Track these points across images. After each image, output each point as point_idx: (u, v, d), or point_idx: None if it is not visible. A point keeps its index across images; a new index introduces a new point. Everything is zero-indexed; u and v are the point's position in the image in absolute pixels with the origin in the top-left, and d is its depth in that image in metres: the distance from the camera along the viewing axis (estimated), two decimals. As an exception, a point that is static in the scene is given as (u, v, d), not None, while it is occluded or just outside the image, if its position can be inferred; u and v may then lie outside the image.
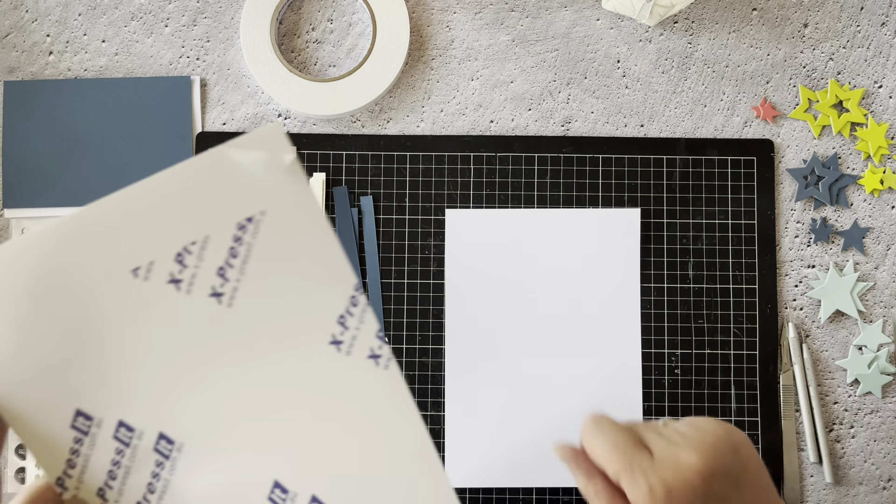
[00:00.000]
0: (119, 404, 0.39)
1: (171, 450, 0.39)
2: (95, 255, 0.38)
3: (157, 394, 0.39)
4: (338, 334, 0.40)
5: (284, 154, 0.37)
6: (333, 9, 0.75)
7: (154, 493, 0.39)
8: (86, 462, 0.39)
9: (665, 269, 0.72)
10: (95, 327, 0.38)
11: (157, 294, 0.38)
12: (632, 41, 0.75)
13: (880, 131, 0.74)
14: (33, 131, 0.73)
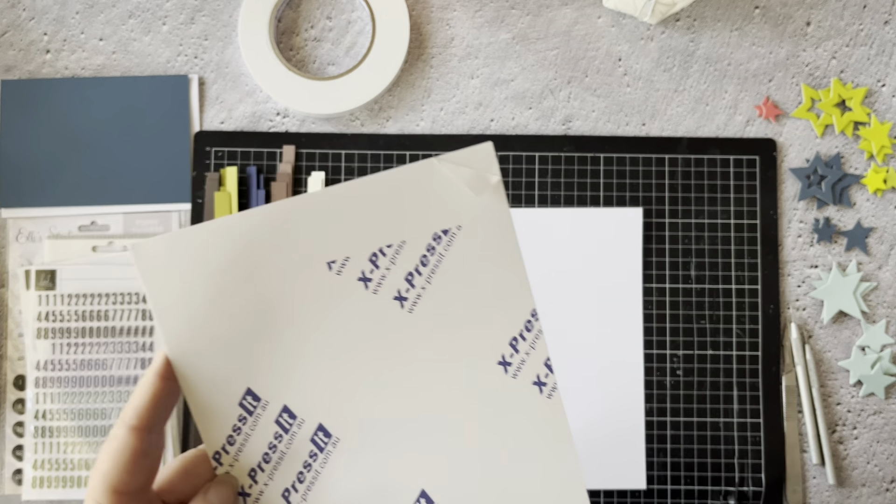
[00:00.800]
0: (287, 390, 0.39)
1: (328, 443, 0.40)
2: (297, 242, 0.39)
3: (324, 385, 0.40)
4: (507, 356, 0.41)
5: (491, 175, 0.39)
6: (332, 6, 0.75)
7: (303, 482, 0.40)
8: (245, 441, 0.40)
9: (667, 269, 0.72)
10: (280, 311, 0.39)
11: (345, 289, 0.39)
12: (633, 39, 0.75)
13: (883, 130, 0.73)
14: (30, 130, 0.72)
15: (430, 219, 0.40)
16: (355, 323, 0.40)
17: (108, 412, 0.70)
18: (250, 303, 0.39)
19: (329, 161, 0.73)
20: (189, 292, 0.38)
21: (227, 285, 0.39)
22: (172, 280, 0.38)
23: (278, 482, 0.40)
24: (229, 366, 0.39)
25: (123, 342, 0.70)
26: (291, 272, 0.39)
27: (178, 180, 0.72)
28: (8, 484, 0.70)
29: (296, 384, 0.40)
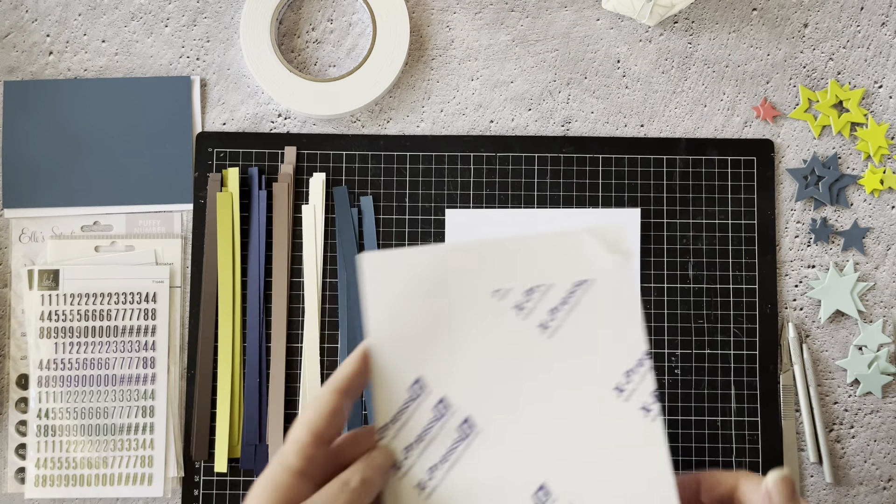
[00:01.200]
0: (446, 383, 0.49)
1: (471, 433, 0.49)
2: (475, 272, 0.50)
3: (475, 385, 0.49)
4: (622, 384, 0.50)
5: (622, 245, 0.51)
6: (333, 9, 0.75)
7: (446, 462, 0.49)
8: (407, 420, 0.49)
9: (665, 269, 0.72)
10: (452, 322, 0.50)
11: (503, 312, 0.50)
12: (632, 41, 0.75)
13: (880, 131, 0.74)
14: (33, 131, 0.73)
15: (574, 270, 0.51)
16: (506, 340, 0.50)
17: (110, 411, 0.70)
18: (432, 313, 0.50)
19: (330, 162, 0.73)
20: (394, 297, 0.50)
21: (419, 297, 0.50)
22: (385, 286, 0.50)
23: (426, 459, 0.49)
24: (408, 358, 0.49)
25: (126, 341, 0.71)
26: (466, 294, 0.50)
27: (180, 181, 0.73)
28: (11, 482, 0.70)
29: (453, 381, 0.49)
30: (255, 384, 0.71)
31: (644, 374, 0.50)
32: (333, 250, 0.72)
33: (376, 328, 0.49)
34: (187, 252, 0.72)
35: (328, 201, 0.73)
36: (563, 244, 0.52)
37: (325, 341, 0.71)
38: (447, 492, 0.49)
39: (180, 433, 0.71)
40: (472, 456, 0.49)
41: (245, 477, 0.70)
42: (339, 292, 0.72)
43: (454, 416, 0.49)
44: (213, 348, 0.71)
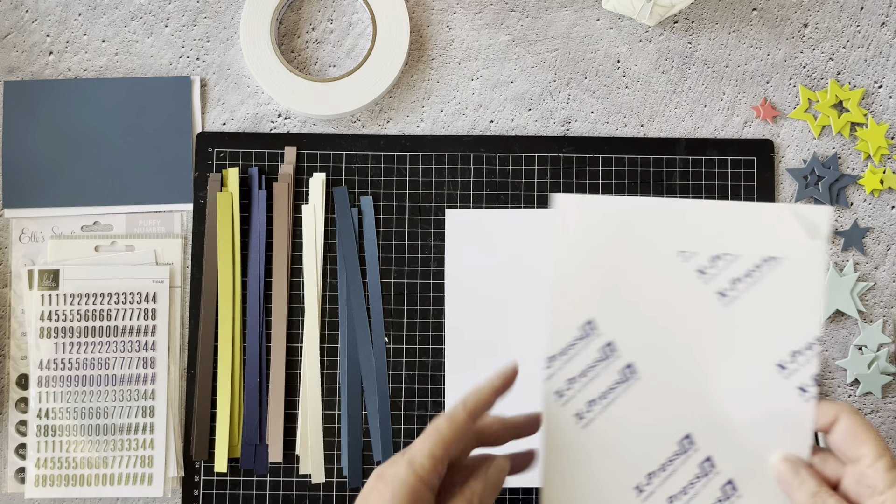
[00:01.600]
0: (617, 329, 0.53)
1: (631, 378, 0.53)
2: (665, 230, 0.53)
3: (644, 335, 0.53)
4: (785, 362, 0.53)
5: (822, 230, 0.53)
6: (333, 9, 0.75)
7: (604, 399, 0.53)
8: (574, 355, 0.54)
9: (665, 269, 0.72)
10: (633, 273, 0.53)
11: (686, 273, 0.53)
12: (632, 41, 0.75)
13: (880, 131, 0.74)
14: (33, 131, 0.73)
15: (766, 245, 0.53)
16: (682, 300, 0.53)
17: (110, 411, 0.70)
18: (616, 260, 0.53)
19: (330, 162, 0.73)
20: (583, 238, 0.53)
21: (607, 242, 0.53)
22: (576, 226, 0.53)
23: (586, 394, 0.53)
24: (585, 298, 0.53)
25: (126, 341, 0.71)
26: (652, 248, 0.53)
27: (181, 181, 0.73)
28: (11, 482, 0.70)
29: (624, 328, 0.53)
30: (255, 384, 0.71)
31: (811, 357, 0.52)
32: (333, 250, 0.72)
33: (561, 265, 0.54)
34: (187, 252, 0.72)
35: (328, 201, 0.73)
36: (761, 217, 0.53)
37: (325, 341, 0.71)
38: (602, 425, 0.54)
39: (180, 433, 0.71)
40: (630, 398, 0.53)
41: (245, 477, 0.70)
42: (339, 292, 0.72)
43: (619, 360, 0.54)
44: (213, 348, 0.71)
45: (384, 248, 0.72)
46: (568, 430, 0.54)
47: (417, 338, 0.72)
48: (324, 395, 0.71)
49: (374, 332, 0.72)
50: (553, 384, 0.54)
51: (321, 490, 0.70)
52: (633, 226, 0.54)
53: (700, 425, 0.53)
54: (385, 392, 0.71)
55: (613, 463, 0.53)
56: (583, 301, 0.54)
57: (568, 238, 0.53)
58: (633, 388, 0.53)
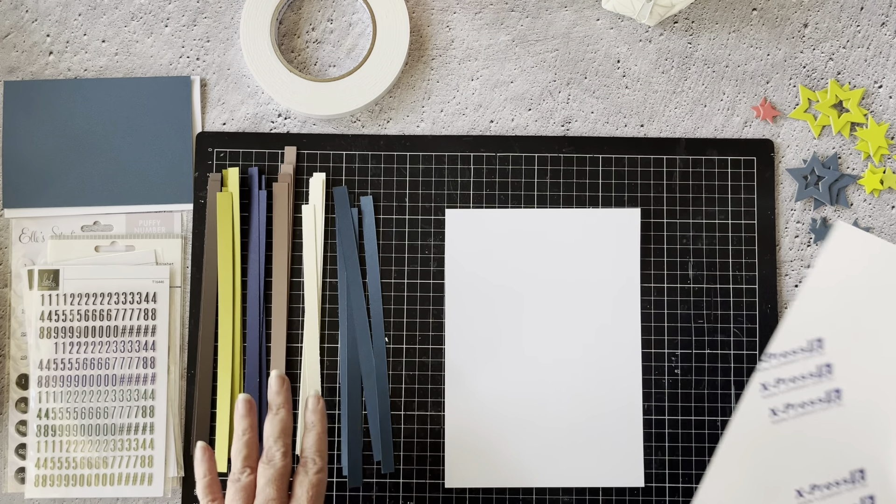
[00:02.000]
0: (840, 356, 0.58)
1: (834, 400, 0.58)
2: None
3: (864, 371, 0.59)
4: None
5: None
6: (333, 9, 0.75)
7: (801, 409, 0.59)
8: (792, 361, 0.61)
9: (665, 269, 0.72)
10: (878, 315, 0.57)
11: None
12: (632, 41, 0.75)
13: (880, 131, 0.74)
14: (33, 131, 0.73)
15: None
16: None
17: (110, 411, 0.70)
18: (867, 298, 0.59)
19: (330, 162, 0.73)
20: (847, 268, 0.59)
21: (866, 283, 0.58)
22: (846, 256, 0.58)
23: (788, 396, 0.59)
24: (825, 318, 0.59)
25: (126, 341, 0.71)
26: None
27: (181, 181, 0.73)
28: (11, 482, 0.70)
29: (847, 358, 0.58)
30: (255, 384, 0.71)
31: None
32: (333, 250, 0.72)
33: (816, 280, 0.59)
34: (187, 252, 0.72)
35: (328, 201, 0.73)
36: None
37: (325, 341, 0.71)
38: (790, 428, 0.58)
39: (180, 433, 0.71)
40: (825, 418, 0.58)
41: (245, 477, 0.70)
42: (339, 292, 0.72)
43: (830, 383, 0.59)
44: (213, 348, 0.71)
45: (384, 248, 0.72)
46: (759, 419, 0.60)
47: (417, 338, 0.72)
48: (324, 395, 0.71)
49: (374, 332, 0.72)
50: (762, 377, 0.59)
51: (321, 490, 0.70)
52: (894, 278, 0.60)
53: (879, 468, 0.58)
54: (385, 392, 0.71)
55: (787, 462, 0.59)
56: (822, 321, 0.59)
57: (836, 263, 0.60)
58: (831, 411, 0.59)
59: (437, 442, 0.71)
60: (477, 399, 0.71)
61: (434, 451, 0.71)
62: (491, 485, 0.70)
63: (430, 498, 0.70)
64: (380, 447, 0.70)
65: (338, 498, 0.70)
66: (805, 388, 0.60)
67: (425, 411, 0.71)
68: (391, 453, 0.70)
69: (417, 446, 0.71)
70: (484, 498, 0.70)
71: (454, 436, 0.70)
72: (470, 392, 0.71)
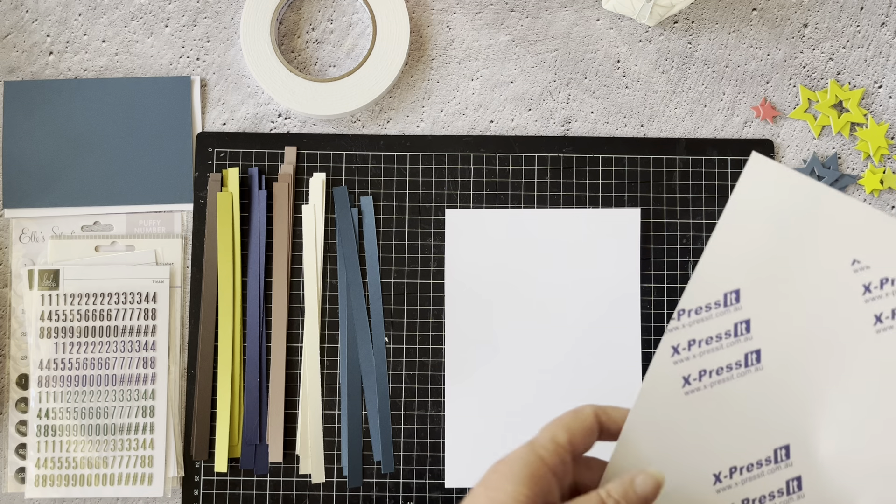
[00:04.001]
0: (759, 311, 0.49)
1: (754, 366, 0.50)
2: (847, 231, 0.49)
3: (783, 328, 0.49)
4: None
5: None
6: (333, 9, 0.75)
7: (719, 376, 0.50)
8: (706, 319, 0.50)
9: (665, 269, 0.72)
10: (796, 264, 0.49)
11: (849, 284, 0.49)
12: (632, 41, 0.75)
13: (880, 131, 0.74)
14: (34, 131, 0.73)
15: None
16: (835, 309, 0.49)
17: (110, 411, 0.70)
18: (786, 243, 0.49)
19: (330, 162, 0.73)
20: (760, 205, 0.49)
21: (782, 220, 0.49)
22: (759, 191, 0.49)
23: (702, 361, 0.50)
24: (740, 266, 0.50)
25: (126, 341, 0.71)
26: (827, 245, 0.49)
27: (181, 181, 0.73)
28: (11, 482, 0.70)
29: (767, 313, 0.49)
30: (255, 384, 0.71)
31: None
32: (333, 250, 0.72)
33: (729, 225, 0.50)
34: (187, 252, 0.72)
35: (328, 201, 0.73)
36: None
37: (325, 341, 0.71)
38: (705, 399, 0.50)
39: (180, 433, 0.71)
40: (744, 385, 0.50)
41: (245, 477, 0.70)
42: (339, 292, 0.72)
43: (748, 343, 0.50)
44: (213, 348, 0.71)
45: (384, 248, 0.72)
46: (669, 390, 0.50)
47: (417, 338, 0.72)
48: (324, 395, 0.71)
49: (374, 332, 0.72)
50: (673, 338, 0.50)
51: (321, 490, 0.70)
52: (818, 216, 0.49)
53: (803, 442, 0.49)
54: (385, 392, 0.71)
55: (702, 440, 0.50)
56: (737, 269, 0.50)
57: (748, 201, 0.50)
58: (750, 377, 0.50)
59: (437, 442, 0.71)
60: (477, 399, 0.71)
61: (434, 451, 0.71)
62: (491, 485, 0.70)
63: (430, 498, 0.70)
64: (380, 447, 0.70)
65: (338, 498, 0.70)
66: (720, 350, 0.50)
67: (425, 411, 0.71)
68: (391, 453, 0.70)
69: (417, 446, 0.71)
70: (484, 498, 0.70)
71: (454, 436, 0.70)
72: (470, 392, 0.71)
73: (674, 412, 0.50)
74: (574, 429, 0.49)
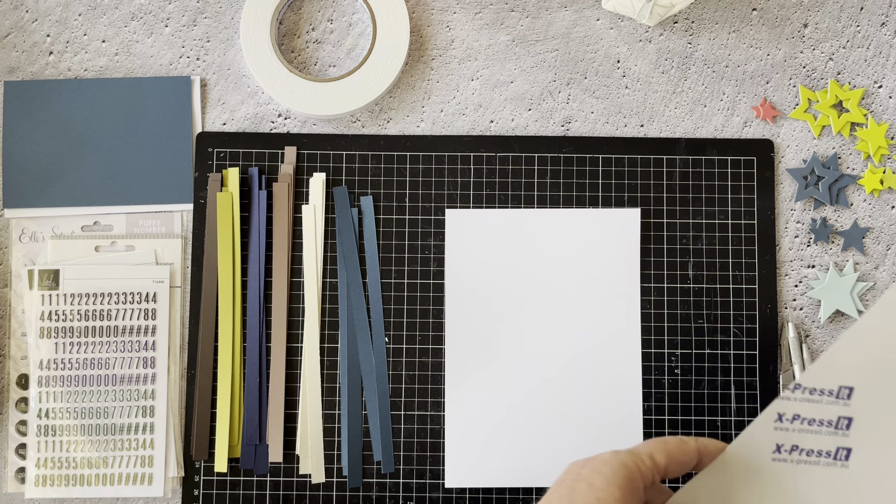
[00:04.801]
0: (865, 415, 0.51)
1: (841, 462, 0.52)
2: None
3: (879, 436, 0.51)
4: None
5: None
6: (333, 9, 0.75)
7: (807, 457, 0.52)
8: (815, 401, 0.52)
9: (665, 269, 0.72)
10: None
11: None
12: (632, 41, 0.75)
13: (880, 131, 0.74)
14: (33, 131, 0.73)
15: None
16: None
17: (110, 411, 0.70)
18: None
19: (330, 162, 0.73)
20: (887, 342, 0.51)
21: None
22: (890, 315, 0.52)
23: (798, 437, 0.52)
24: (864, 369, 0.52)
25: (126, 341, 0.71)
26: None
27: (181, 181, 0.73)
28: (11, 482, 0.70)
29: (868, 420, 0.51)
30: (255, 384, 0.71)
31: None
32: (333, 250, 0.72)
33: (870, 321, 0.52)
34: (187, 252, 0.72)
35: (328, 201, 0.73)
36: None
37: (325, 341, 0.71)
38: (783, 473, 0.52)
39: (180, 433, 0.71)
40: (822, 476, 0.51)
41: (245, 477, 0.70)
42: (339, 292, 0.72)
43: (844, 438, 0.52)
44: (213, 348, 0.71)
45: (384, 248, 0.72)
46: (760, 450, 0.52)
47: (417, 338, 0.72)
48: (324, 395, 0.71)
49: (374, 332, 0.72)
50: (782, 406, 0.52)
51: (321, 490, 0.70)
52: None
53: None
54: (385, 392, 0.71)
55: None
56: (860, 368, 0.52)
57: (887, 316, 0.52)
58: (833, 471, 0.52)
59: (437, 442, 0.71)
60: (477, 399, 0.71)
61: (434, 451, 0.71)
62: (491, 485, 0.70)
63: (430, 498, 0.70)
64: (380, 447, 0.70)
65: (338, 498, 0.70)
66: (818, 435, 0.52)
67: (425, 411, 0.71)
68: (391, 453, 0.70)
69: (417, 446, 0.71)
70: (484, 498, 0.70)
71: (454, 436, 0.70)
72: (470, 392, 0.71)
73: (755, 473, 0.52)
74: (674, 456, 0.50)
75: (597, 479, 0.47)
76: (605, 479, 0.47)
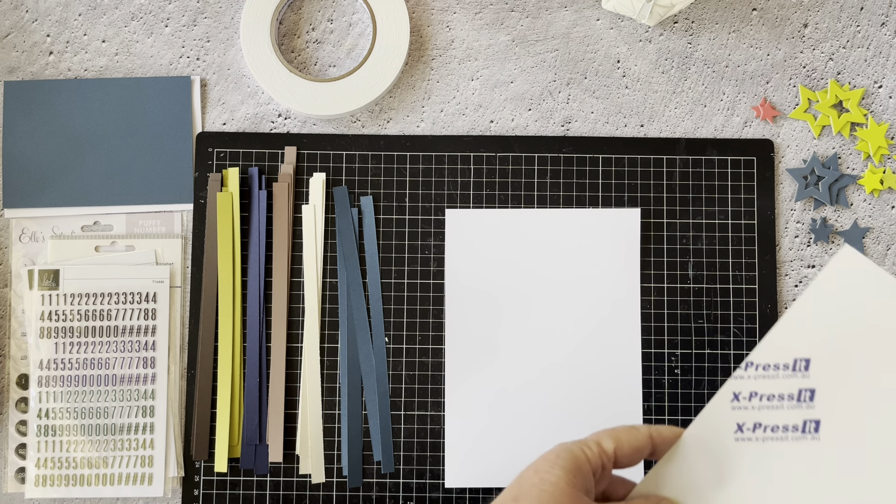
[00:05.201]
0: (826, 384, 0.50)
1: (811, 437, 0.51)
2: None
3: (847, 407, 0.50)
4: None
5: None
6: (333, 9, 0.75)
7: (773, 433, 0.51)
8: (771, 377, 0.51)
9: (665, 269, 0.72)
10: (874, 351, 0.50)
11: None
12: (632, 41, 0.75)
13: (880, 131, 0.74)
14: (34, 131, 0.73)
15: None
16: None
17: (110, 411, 0.70)
18: (856, 333, 0.50)
19: (330, 162, 0.73)
20: (844, 294, 0.51)
21: (865, 311, 0.50)
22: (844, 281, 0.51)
23: (759, 415, 0.51)
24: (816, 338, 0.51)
25: (126, 341, 0.71)
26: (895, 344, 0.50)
27: (181, 181, 0.73)
28: (11, 482, 0.70)
29: (831, 390, 0.51)
30: (255, 384, 0.71)
31: None
32: (333, 250, 0.72)
33: (813, 296, 0.51)
34: (187, 252, 0.72)
35: (328, 201, 0.73)
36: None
37: (325, 341, 0.71)
38: (752, 452, 0.51)
39: (180, 433, 0.71)
40: (794, 451, 0.51)
41: (245, 477, 0.70)
42: (339, 292, 0.72)
43: (810, 411, 0.51)
44: (213, 348, 0.71)
45: (384, 248, 0.72)
46: (720, 432, 0.51)
47: (417, 338, 0.72)
48: (324, 395, 0.71)
49: (374, 332, 0.72)
50: (735, 385, 0.52)
51: (321, 490, 0.70)
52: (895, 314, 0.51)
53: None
54: (385, 392, 0.71)
55: (737, 488, 0.51)
56: (812, 340, 0.51)
57: (836, 286, 0.51)
58: (803, 445, 0.51)
59: (437, 442, 0.71)
60: (477, 399, 0.71)
61: (434, 451, 0.71)
62: (491, 485, 0.70)
63: (430, 498, 0.70)
64: (380, 447, 0.70)
65: (338, 498, 0.70)
66: (780, 410, 0.51)
67: (425, 411, 0.71)
68: (391, 453, 0.70)
69: (417, 446, 0.71)
70: (484, 498, 0.70)
71: (454, 436, 0.70)
72: (470, 392, 0.71)
73: (718, 454, 0.51)
74: (623, 440, 0.51)
75: (541, 464, 0.49)
76: (548, 462, 0.49)
